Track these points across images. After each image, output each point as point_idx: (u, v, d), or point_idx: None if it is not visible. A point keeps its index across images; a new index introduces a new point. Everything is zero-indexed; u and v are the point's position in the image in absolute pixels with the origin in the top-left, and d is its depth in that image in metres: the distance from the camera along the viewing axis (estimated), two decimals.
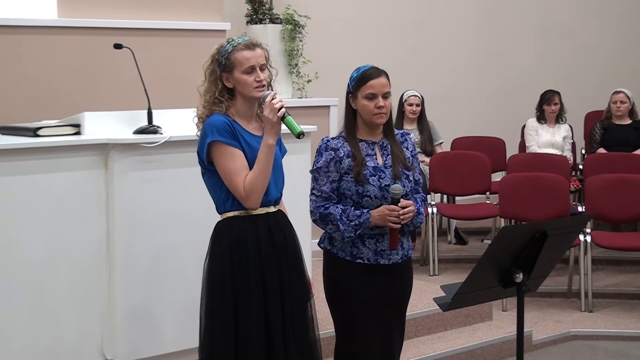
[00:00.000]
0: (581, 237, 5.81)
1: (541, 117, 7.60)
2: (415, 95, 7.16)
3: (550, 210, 5.96)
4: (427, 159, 6.95)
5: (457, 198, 7.52)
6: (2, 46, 5.57)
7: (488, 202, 7.15)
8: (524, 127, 7.87)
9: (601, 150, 7.46)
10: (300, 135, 3.22)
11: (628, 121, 7.59)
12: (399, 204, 3.28)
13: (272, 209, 3.33)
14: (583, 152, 8.47)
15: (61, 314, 3.93)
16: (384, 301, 3.40)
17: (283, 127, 3.23)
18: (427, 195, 6.77)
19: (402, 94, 7.17)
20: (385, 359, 3.44)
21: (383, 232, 3.36)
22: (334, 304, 3.45)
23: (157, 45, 6.00)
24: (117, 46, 4.49)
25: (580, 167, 7.71)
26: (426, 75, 8.45)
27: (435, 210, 6.65)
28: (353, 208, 3.33)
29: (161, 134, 4.12)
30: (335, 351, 3.49)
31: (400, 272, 3.46)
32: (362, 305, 3.37)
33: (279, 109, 3.19)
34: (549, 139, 7.51)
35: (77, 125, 4.13)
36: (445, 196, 7.52)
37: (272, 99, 3.21)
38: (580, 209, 6.63)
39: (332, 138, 3.43)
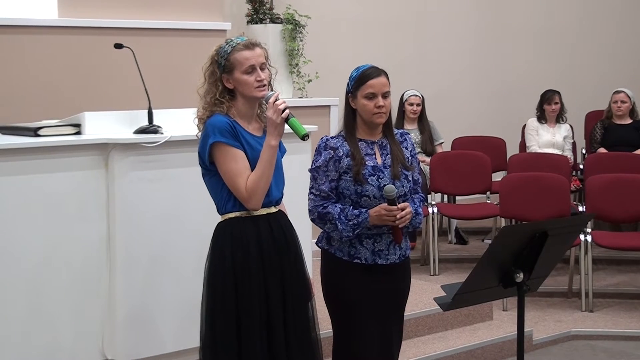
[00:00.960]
0: (582, 236, 5.81)
1: (542, 117, 7.60)
2: (416, 95, 7.16)
3: (551, 210, 5.95)
4: (428, 159, 6.95)
5: (457, 198, 7.52)
6: (2, 46, 5.57)
7: (488, 201, 7.16)
8: (524, 126, 7.87)
9: (602, 150, 7.46)
10: (305, 137, 3.22)
11: (629, 121, 7.59)
12: (398, 205, 3.28)
13: (273, 210, 3.32)
14: (583, 151, 8.46)
15: (61, 314, 3.93)
16: (382, 301, 3.39)
17: (287, 127, 3.23)
18: (428, 195, 6.78)
19: (403, 94, 7.18)
20: (384, 359, 3.44)
21: (381, 232, 3.36)
22: (332, 304, 3.45)
23: (157, 45, 6.00)
24: (118, 46, 4.49)
25: (581, 166, 7.72)
26: (427, 75, 8.45)
27: (435, 210, 6.64)
28: (352, 207, 3.33)
29: (161, 133, 4.12)
30: (333, 351, 3.48)
31: (398, 272, 3.45)
32: (360, 305, 3.37)
33: (283, 110, 3.19)
34: (549, 139, 7.51)
35: (78, 125, 4.13)
36: (445, 196, 7.52)
37: (276, 100, 3.21)
38: (580, 208, 6.63)
39: (331, 137, 3.43)
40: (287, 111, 3.20)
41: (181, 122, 4.04)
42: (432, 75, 8.58)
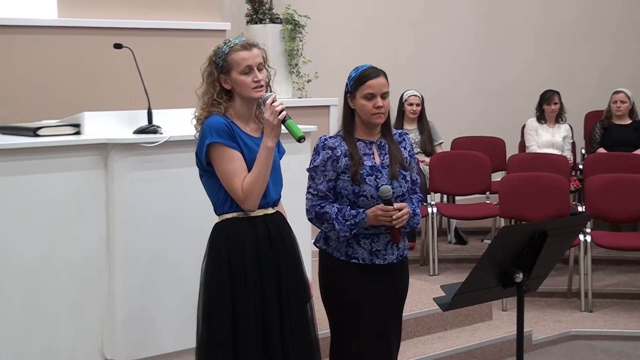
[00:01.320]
0: (581, 237, 5.80)
1: (541, 117, 7.60)
2: (416, 95, 7.16)
3: (550, 210, 5.95)
4: (427, 159, 6.95)
5: (457, 198, 7.52)
6: (2, 46, 5.57)
7: (488, 202, 7.15)
8: (523, 127, 7.87)
9: (601, 150, 7.46)
10: (301, 139, 3.21)
11: (628, 121, 7.59)
12: (395, 206, 3.28)
13: (270, 211, 3.32)
14: (583, 152, 8.47)
15: (61, 314, 3.93)
16: (379, 301, 3.39)
17: (283, 129, 3.23)
18: (427, 195, 6.78)
19: (402, 94, 7.17)
20: (382, 359, 3.43)
21: (378, 232, 3.36)
22: (330, 304, 3.44)
23: (157, 45, 6.00)
24: (117, 46, 4.49)
25: (580, 167, 7.71)
26: (426, 75, 8.45)
27: (435, 210, 6.64)
28: (349, 207, 3.33)
29: (161, 133, 4.12)
30: (330, 351, 3.47)
31: (396, 272, 3.45)
32: (358, 305, 3.36)
33: (280, 112, 3.19)
34: (548, 139, 7.51)
35: (77, 125, 4.13)
36: (445, 196, 7.52)
37: (273, 101, 3.21)
38: (580, 208, 6.63)
39: (330, 137, 3.42)
40: (284, 113, 3.20)
41: (181, 122, 4.03)
42: (432, 75, 8.58)
